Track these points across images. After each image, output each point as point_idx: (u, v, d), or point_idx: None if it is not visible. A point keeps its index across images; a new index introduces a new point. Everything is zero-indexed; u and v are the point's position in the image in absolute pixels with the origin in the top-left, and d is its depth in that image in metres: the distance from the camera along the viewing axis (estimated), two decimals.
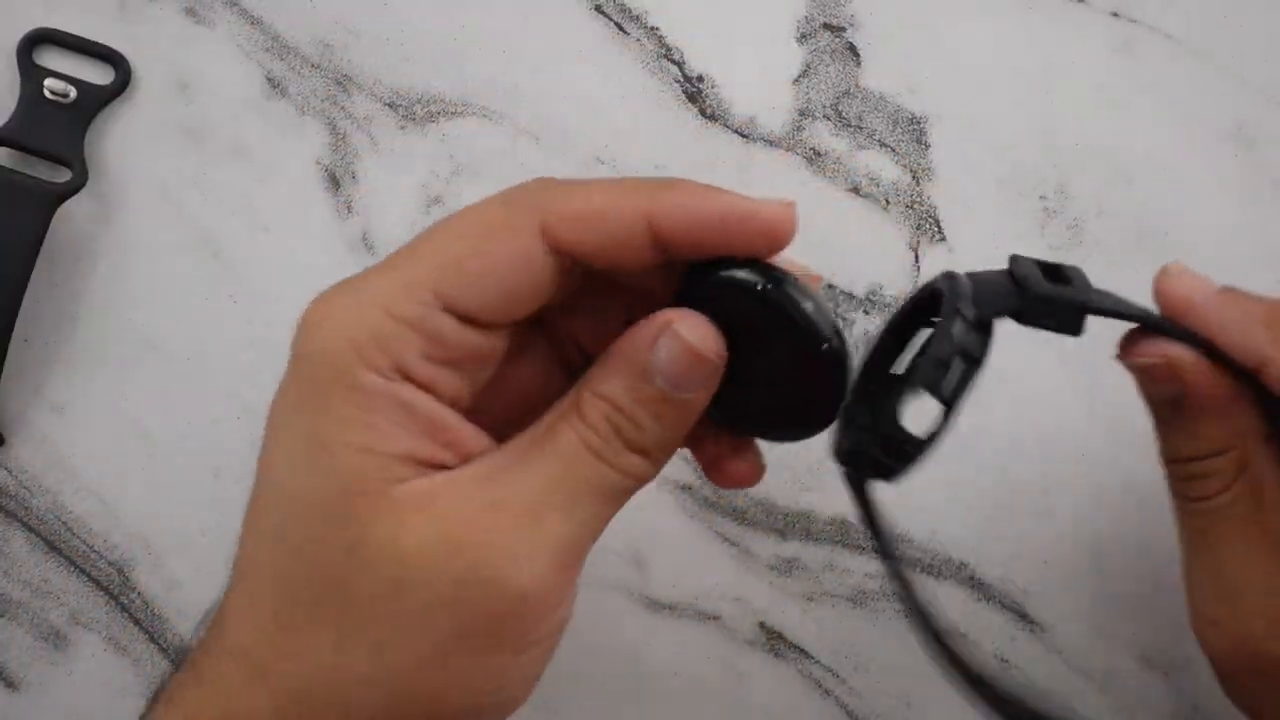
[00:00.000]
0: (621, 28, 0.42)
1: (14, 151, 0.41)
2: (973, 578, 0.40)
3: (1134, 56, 0.41)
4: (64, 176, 0.41)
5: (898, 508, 0.40)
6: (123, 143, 0.42)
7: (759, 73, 0.41)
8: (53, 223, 0.40)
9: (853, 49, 0.41)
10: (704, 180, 0.41)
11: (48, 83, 0.41)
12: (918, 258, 0.41)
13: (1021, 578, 0.39)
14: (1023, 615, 0.39)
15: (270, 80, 0.42)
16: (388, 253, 0.41)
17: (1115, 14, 0.41)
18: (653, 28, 0.42)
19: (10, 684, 0.41)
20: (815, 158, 0.41)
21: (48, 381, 0.41)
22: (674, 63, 0.42)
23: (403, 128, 0.42)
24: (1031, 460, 0.39)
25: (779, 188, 0.41)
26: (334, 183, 0.42)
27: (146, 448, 0.41)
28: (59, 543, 0.41)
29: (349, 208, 0.42)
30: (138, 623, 0.41)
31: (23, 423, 0.41)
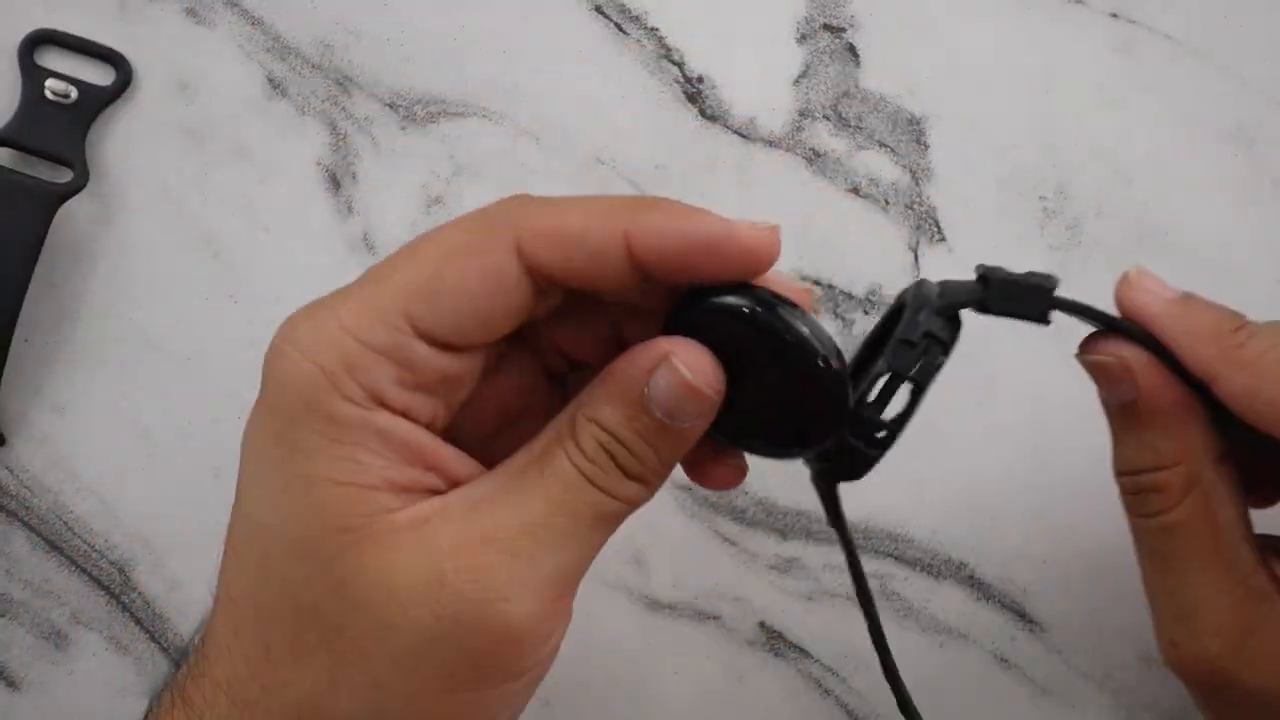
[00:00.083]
0: (621, 28, 0.42)
1: (15, 152, 0.41)
2: (973, 578, 0.40)
3: (1134, 57, 0.41)
4: (65, 177, 0.41)
5: (898, 507, 0.40)
6: (124, 143, 0.42)
7: (759, 73, 0.41)
8: (53, 223, 0.40)
9: (852, 49, 0.41)
10: (703, 181, 0.41)
11: (49, 83, 0.41)
12: (917, 258, 0.41)
13: (1021, 578, 0.39)
14: (1023, 615, 0.39)
15: (271, 81, 0.42)
16: (388, 253, 0.41)
17: (1115, 14, 0.41)
18: (653, 28, 0.42)
19: (11, 683, 0.41)
20: (815, 158, 0.41)
21: (48, 381, 0.41)
22: (674, 63, 0.42)
23: (403, 128, 0.42)
24: (1032, 460, 0.39)
25: (779, 188, 0.41)
26: (334, 183, 0.42)
27: (147, 448, 0.41)
28: (60, 542, 0.41)
29: (349, 208, 0.42)
30: (139, 622, 0.41)
31: (23, 423, 0.41)
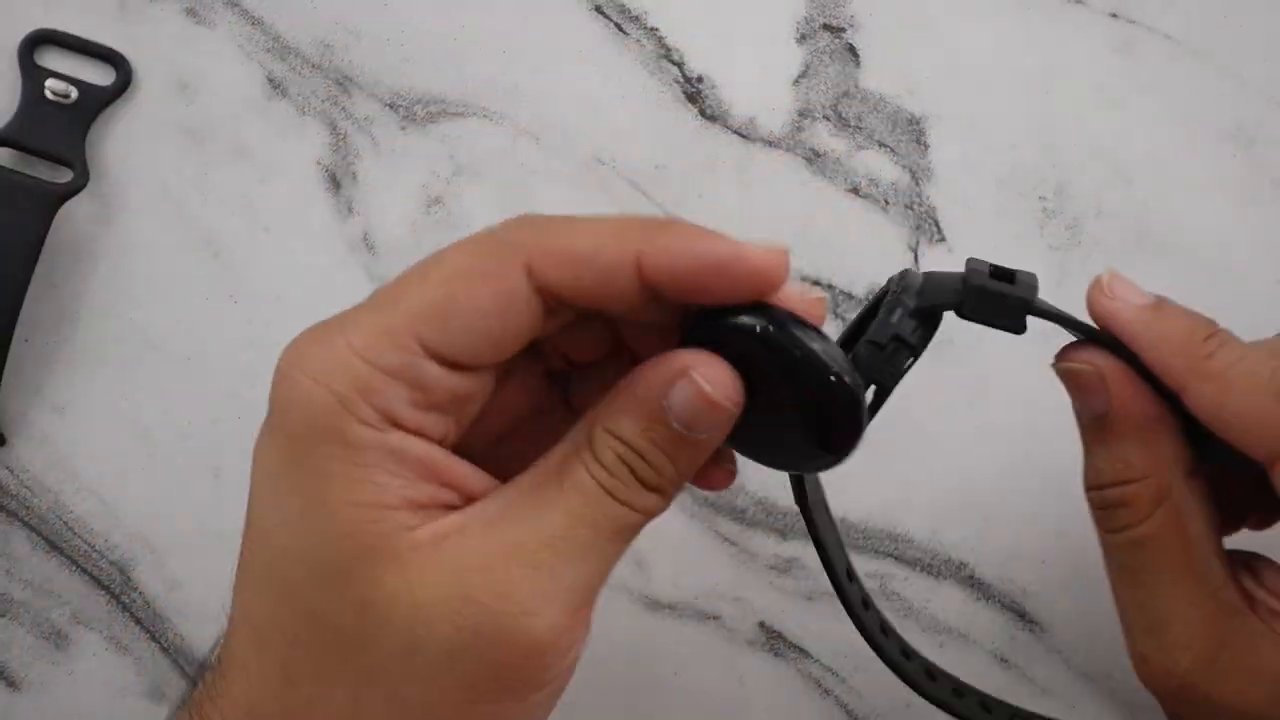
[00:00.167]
0: (621, 28, 0.42)
1: (15, 152, 0.41)
2: (972, 577, 0.40)
3: (1133, 57, 0.41)
4: (65, 177, 0.41)
5: (897, 508, 0.40)
6: (124, 143, 0.42)
7: (759, 73, 0.41)
8: (54, 223, 0.40)
9: (852, 50, 0.41)
10: (703, 181, 0.41)
11: (49, 83, 0.41)
12: (917, 258, 0.41)
13: (1021, 578, 0.40)
14: (1023, 615, 0.39)
15: (271, 81, 0.42)
16: (388, 253, 0.42)
17: (1114, 14, 0.41)
18: (652, 28, 0.42)
19: (11, 683, 0.41)
20: (815, 158, 0.41)
21: (48, 381, 0.41)
22: (674, 63, 0.42)
23: (403, 128, 0.42)
24: (1032, 460, 0.39)
25: (779, 188, 0.41)
26: (334, 183, 0.42)
27: (147, 448, 0.41)
28: (60, 542, 0.41)
29: (349, 208, 0.42)
30: (139, 622, 0.41)
31: (24, 423, 0.41)
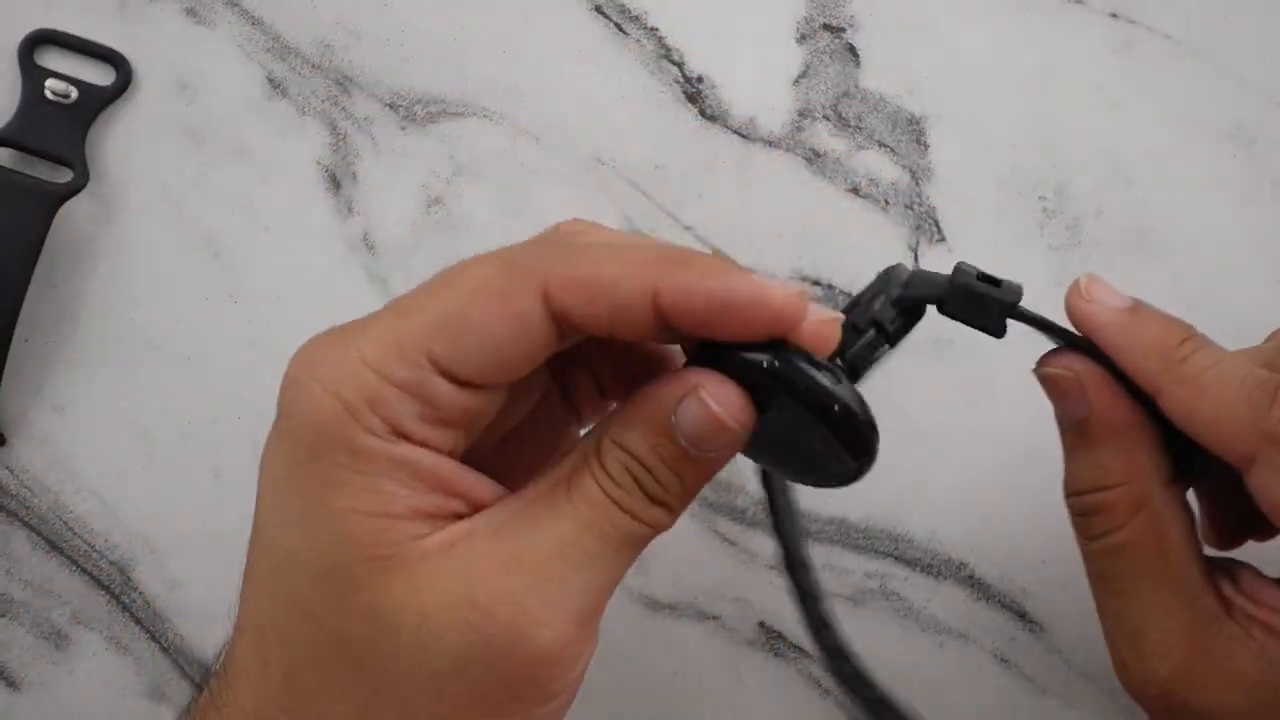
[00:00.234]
0: (621, 28, 0.42)
1: (15, 152, 0.41)
2: (972, 577, 0.40)
3: (1133, 56, 0.41)
4: (65, 177, 0.41)
5: (897, 508, 0.40)
6: (124, 143, 0.42)
7: (759, 73, 0.41)
8: (54, 223, 0.40)
9: (852, 50, 0.41)
10: (703, 181, 0.41)
11: (49, 83, 0.41)
12: (917, 258, 0.41)
13: (1021, 578, 0.39)
14: (1022, 615, 0.39)
15: (271, 81, 0.42)
16: (388, 253, 0.42)
17: (1114, 14, 0.41)
18: (652, 28, 0.42)
19: (12, 683, 0.41)
20: (815, 158, 0.41)
21: (48, 381, 0.41)
22: (674, 63, 0.42)
23: (403, 128, 0.42)
24: (1031, 460, 0.39)
25: (779, 188, 0.41)
26: (334, 183, 0.42)
27: (146, 448, 0.41)
28: (60, 542, 0.41)
29: (349, 208, 0.42)
30: (139, 622, 0.41)
31: (23, 423, 0.41)
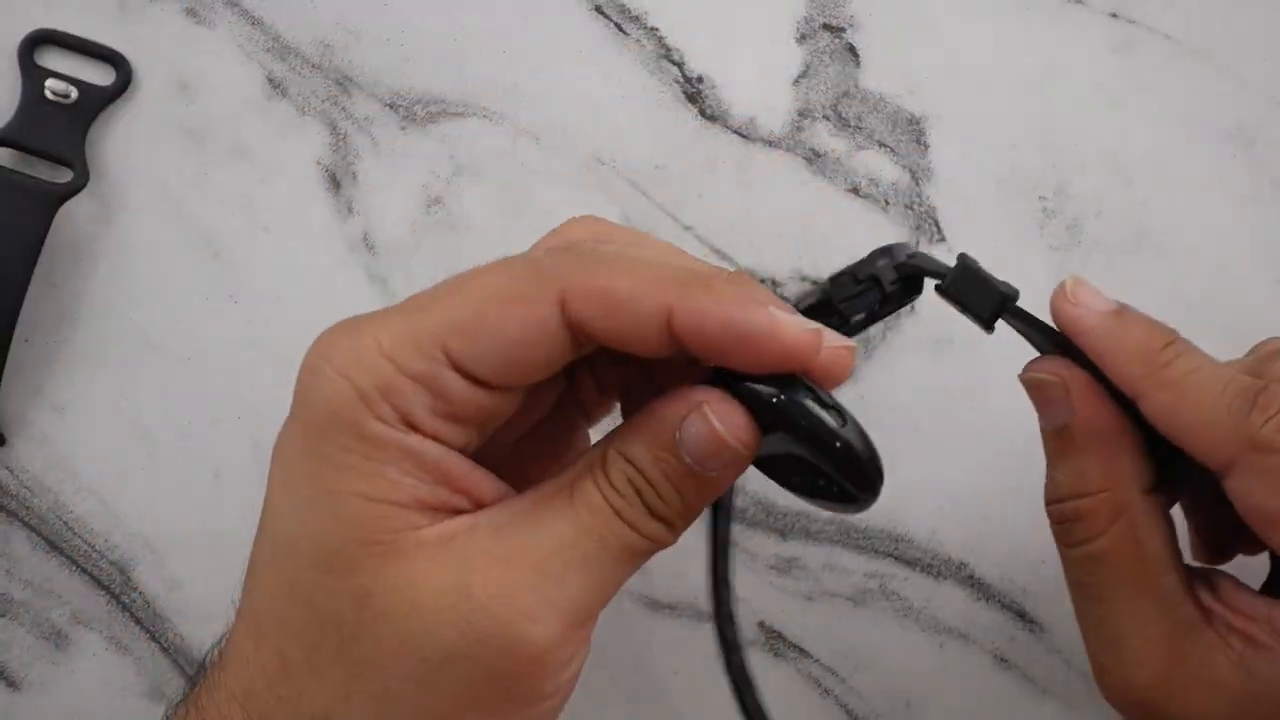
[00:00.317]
0: (621, 28, 0.42)
1: (15, 152, 0.41)
2: (972, 577, 0.40)
3: (1133, 56, 0.41)
4: (65, 177, 0.41)
5: (898, 508, 0.40)
6: (124, 143, 0.42)
7: (759, 73, 0.41)
8: (54, 223, 0.40)
9: (852, 49, 0.41)
10: (703, 181, 0.41)
11: (49, 83, 0.41)
12: None
13: (1021, 578, 0.39)
14: (1022, 615, 0.39)
15: (271, 81, 0.42)
16: (388, 253, 0.42)
17: (1114, 14, 0.41)
18: (653, 28, 0.42)
19: (12, 683, 0.41)
20: (815, 158, 0.41)
21: (48, 381, 0.41)
22: (674, 63, 0.42)
23: (403, 128, 0.42)
24: (1032, 460, 0.39)
25: (779, 188, 0.41)
26: (334, 183, 0.42)
27: (146, 448, 0.41)
28: (60, 542, 0.41)
29: (349, 208, 0.42)
30: (139, 622, 0.41)
31: (23, 423, 0.41)
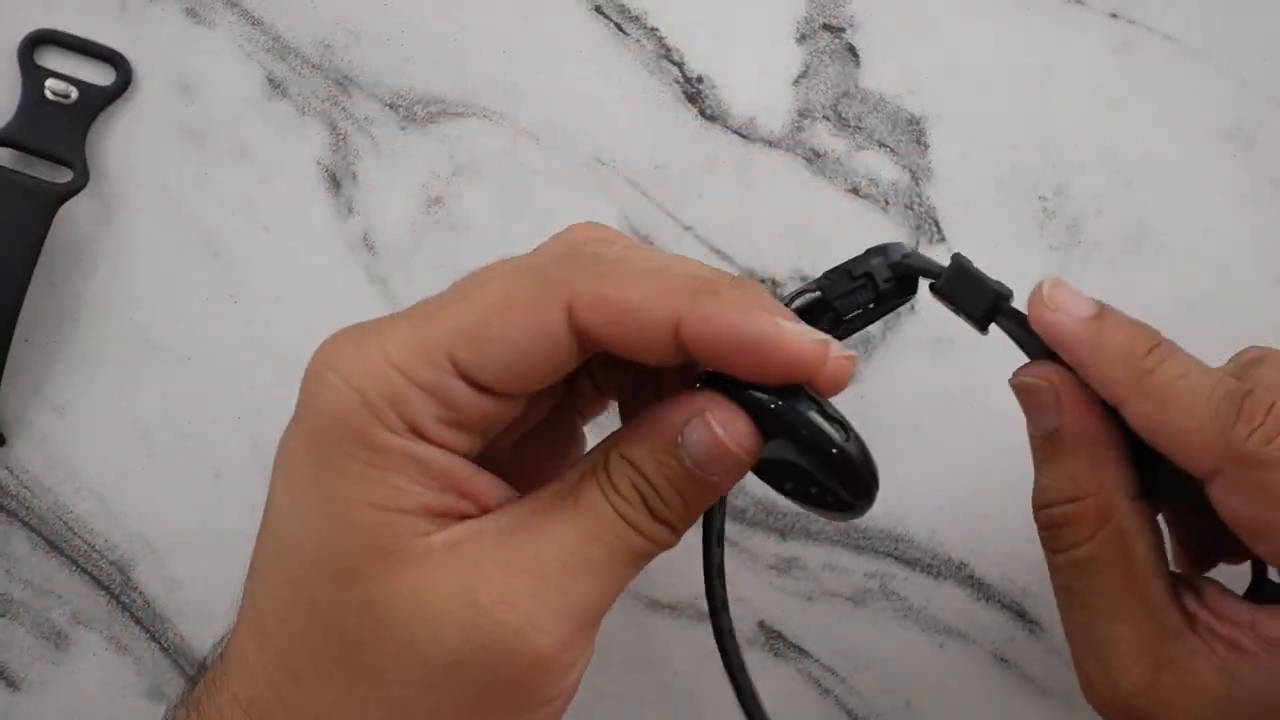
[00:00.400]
0: (621, 28, 0.42)
1: (15, 152, 0.41)
2: (972, 577, 0.40)
3: (1133, 56, 0.41)
4: (65, 177, 0.41)
5: (898, 508, 0.40)
6: (124, 143, 0.42)
7: (759, 73, 0.41)
8: (54, 223, 0.40)
9: (852, 50, 0.41)
10: (703, 181, 0.41)
11: (49, 83, 0.41)
12: None
13: (1021, 577, 0.39)
14: (1022, 615, 0.39)
15: (271, 81, 0.42)
16: (388, 253, 0.42)
17: (1114, 14, 0.41)
18: (653, 28, 0.42)
19: (11, 683, 0.41)
20: (815, 158, 0.41)
21: (48, 381, 0.41)
22: (674, 63, 0.42)
23: (403, 128, 0.42)
24: (1027, 460, 0.39)
25: (779, 188, 0.41)
26: (334, 183, 0.42)
27: (146, 448, 0.41)
28: (60, 542, 0.41)
29: (349, 208, 0.42)
30: (139, 622, 0.41)
31: (23, 423, 0.41)
